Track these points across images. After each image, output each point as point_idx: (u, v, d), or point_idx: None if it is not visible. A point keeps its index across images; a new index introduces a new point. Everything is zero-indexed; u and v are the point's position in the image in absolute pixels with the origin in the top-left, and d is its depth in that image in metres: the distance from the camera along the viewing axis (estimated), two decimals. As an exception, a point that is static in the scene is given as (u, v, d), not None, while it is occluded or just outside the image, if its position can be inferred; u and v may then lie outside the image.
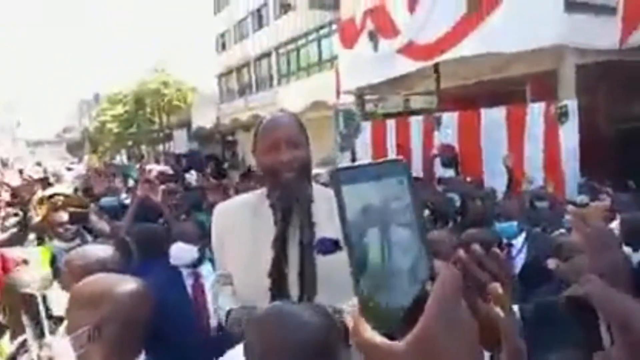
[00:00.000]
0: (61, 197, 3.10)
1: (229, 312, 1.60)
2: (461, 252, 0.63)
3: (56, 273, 2.15)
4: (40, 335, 1.22)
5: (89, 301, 1.31)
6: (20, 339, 1.52)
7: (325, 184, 2.02)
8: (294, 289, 1.60)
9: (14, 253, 2.70)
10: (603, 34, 7.10)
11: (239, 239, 1.70)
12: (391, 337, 0.47)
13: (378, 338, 0.47)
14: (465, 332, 0.47)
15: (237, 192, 4.73)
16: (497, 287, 0.62)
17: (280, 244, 1.62)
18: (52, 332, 1.34)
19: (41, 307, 1.25)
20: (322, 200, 1.65)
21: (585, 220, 0.96)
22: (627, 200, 4.50)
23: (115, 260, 1.82)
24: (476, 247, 0.66)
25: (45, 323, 1.24)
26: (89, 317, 1.28)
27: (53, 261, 2.53)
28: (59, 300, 1.48)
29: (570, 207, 3.24)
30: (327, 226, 1.58)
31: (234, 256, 1.71)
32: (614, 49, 7.26)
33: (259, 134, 1.70)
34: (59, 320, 1.45)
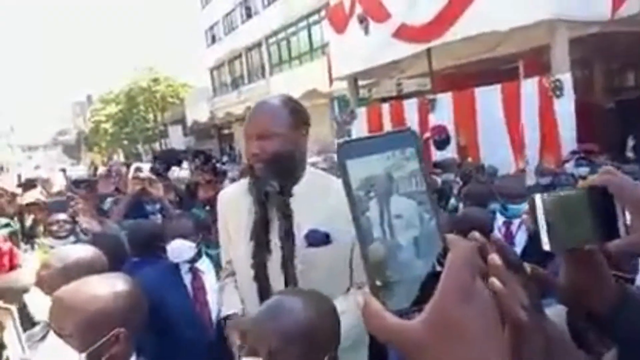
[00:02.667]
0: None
1: (226, 318, 1.68)
2: (476, 234, 0.59)
3: None
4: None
5: (94, 306, 1.27)
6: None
7: (324, 169, 1.99)
8: (277, 280, 1.63)
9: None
10: (594, 6, 7.02)
11: (239, 223, 1.73)
12: (403, 315, 0.45)
13: (392, 318, 0.44)
14: (484, 304, 0.45)
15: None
16: (495, 257, 0.58)
17: (258, 234, 1.65)
18: (44, 337, 1.30)
19: (17, 323, 1.21)
20: (318, 189, 1.63)
21: None
22: (629, 171, 4.47)
23: (100, 260, 1.77)
24: (475, 234, 0.62)
25: (23, 338, 1.20)
26: (97, 322, 1.25)
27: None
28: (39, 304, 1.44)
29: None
30: (318, 217, 1.57)
31: (234, 242, 1.76)
32: (605, 20, 7.18)
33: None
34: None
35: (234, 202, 1.78)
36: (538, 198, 0.69)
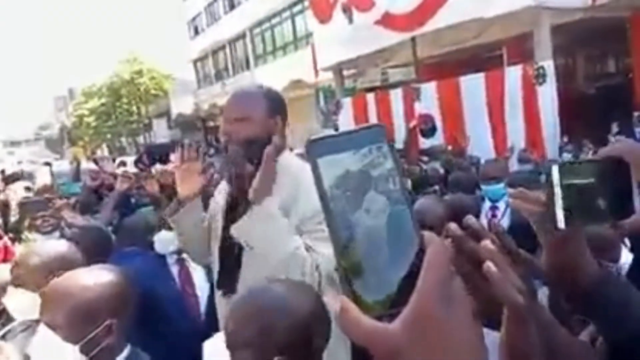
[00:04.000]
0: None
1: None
2: (454, 226, 0.58)
3: None
4: None
5: (85, 298, 1.27)
6: None
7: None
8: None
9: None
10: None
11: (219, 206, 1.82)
12: (381, 318, 0.43)
13: (368, 322, 0.43)
14: (461, 305, 0.44)
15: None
16: (488, 243, 0.58)
17: (226, 212, 1.75)
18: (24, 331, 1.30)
19: None
20: (285, 173, 1.66)
21: (527, 198, 0.91)
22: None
23: (76, 255, 1.77)
24: (471, 218, 0.62)
25: None
26: (88, 314, 1.25)
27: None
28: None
29: (509, 190, 3.23)
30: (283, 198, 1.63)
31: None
32: (587, 6, 7.24)
33: None
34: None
35: (222, 189, 1.87)
36: (555, 169, 0.69)
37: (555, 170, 0.69)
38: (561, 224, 0.69)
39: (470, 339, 0.44)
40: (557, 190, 0.68)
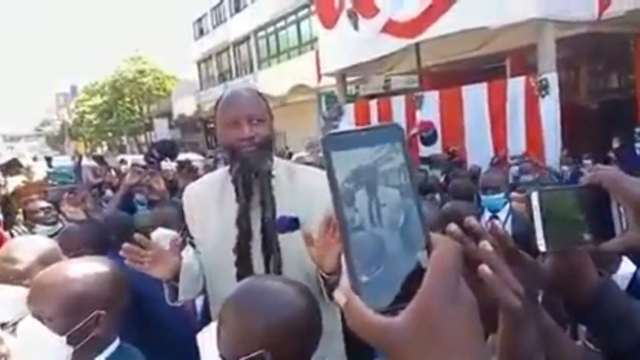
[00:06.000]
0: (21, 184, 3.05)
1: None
2: (454, 226, 0.58)
3: None
4: None
5: (73, 289, 1.26)
6: None
7: (309, 163, 1.99)
8: (258, 265, 1.61)
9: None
10: (581, 7, 7.09)
11: (206, 216, 1.72)
12: (386, 313, 0.44)
13: (372, 315, 0.43)
14: (466, 305, 0.44)
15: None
16: (486, 244, 0.57)
17: (244, 220, 1.62)
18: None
19: None
20: (284, 175, 1.66)
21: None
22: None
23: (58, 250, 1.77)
24: (472, 219, 0.61)
25: None
26: (76, 305, 1.25)
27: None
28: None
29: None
30: (287, 202, 1.60)
31: (203, 233, 1.73)
32: (592, 20, 7.26)
33: (219, 109, 1.71)
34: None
35: (201, 195, 1.77)
36: (534, 195, 0.70)
37: (534, 196, 0.70)
38: (542, 247, 0.70)
39: (473, 338, 0.44)
40: (537, 217, 0.69)
